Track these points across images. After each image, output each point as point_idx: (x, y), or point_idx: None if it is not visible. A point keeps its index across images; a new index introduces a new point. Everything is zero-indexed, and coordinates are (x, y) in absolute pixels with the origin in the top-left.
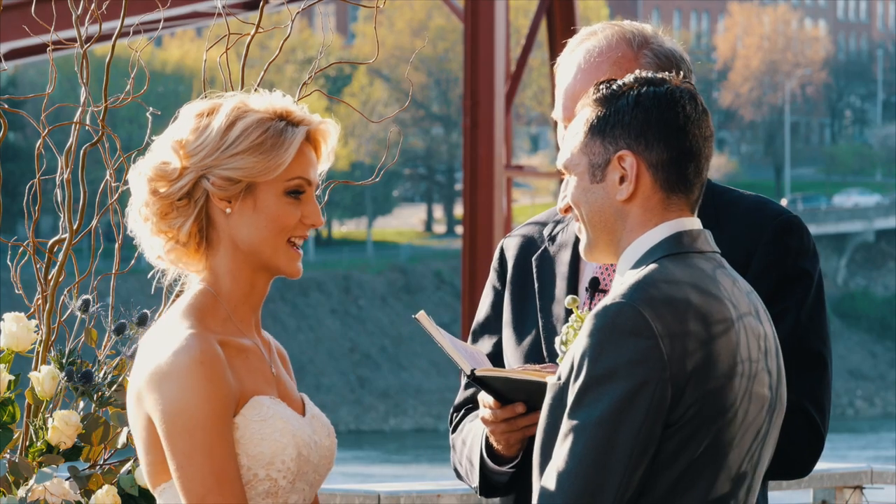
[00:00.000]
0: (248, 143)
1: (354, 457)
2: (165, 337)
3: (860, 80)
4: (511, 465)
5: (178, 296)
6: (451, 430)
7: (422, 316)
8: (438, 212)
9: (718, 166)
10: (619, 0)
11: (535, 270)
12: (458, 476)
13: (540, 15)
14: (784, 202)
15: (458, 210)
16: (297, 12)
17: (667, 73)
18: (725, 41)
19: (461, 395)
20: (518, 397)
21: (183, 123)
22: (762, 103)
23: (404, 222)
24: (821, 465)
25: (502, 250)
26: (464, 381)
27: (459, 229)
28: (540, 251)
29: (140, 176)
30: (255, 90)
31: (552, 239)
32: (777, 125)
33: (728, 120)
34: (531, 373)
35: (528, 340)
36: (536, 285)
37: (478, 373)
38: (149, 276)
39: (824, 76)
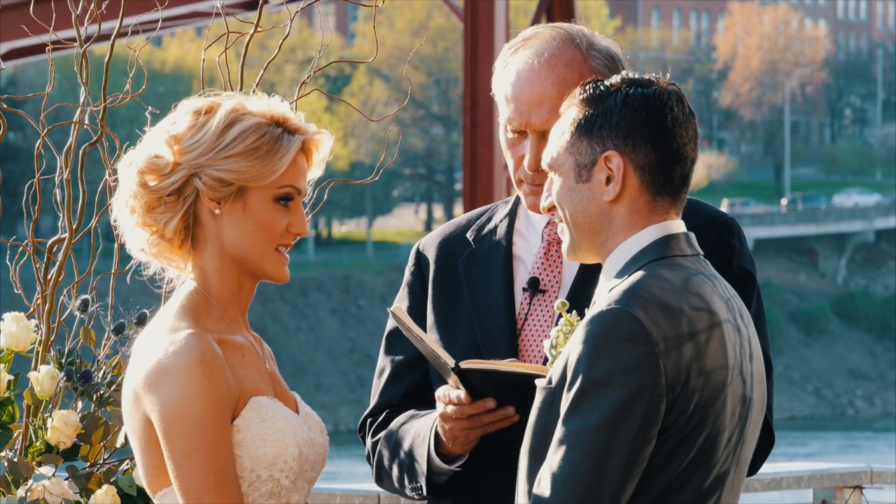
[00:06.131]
0: (244, 146)
1: (355, 456)
2: (163, 337)
3: (860, 79)
4: (458, 463)
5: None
6: (368, 433)
7: (397, 309)
8: (438, 211)
9: (718, 166)
10: (619, 0)
11: (462, 272)
12: (380, 480)
13: (540, 15)
14: (784, 201)
15: (458, 210)
16: (297, 12)
17: (653, 74)
18: (725, 41)
19: (378, 398)
20: (490, 392)
21: (179, 118)
22: (762, 103)
23: (404, 222)
24: (821, 465)
25: (420, 253)
26: (381, 384)
27: None
28: (466, 253)
29: (131, 167)
30: (255, 90)
31: (479, 241)
32: (777, 125)
33: (728, 119)
34: (517, 365)
35: (462, 341)
36: (466, 287)
37: (463, 365)
38: (142, 273)
39: (824, 76)
